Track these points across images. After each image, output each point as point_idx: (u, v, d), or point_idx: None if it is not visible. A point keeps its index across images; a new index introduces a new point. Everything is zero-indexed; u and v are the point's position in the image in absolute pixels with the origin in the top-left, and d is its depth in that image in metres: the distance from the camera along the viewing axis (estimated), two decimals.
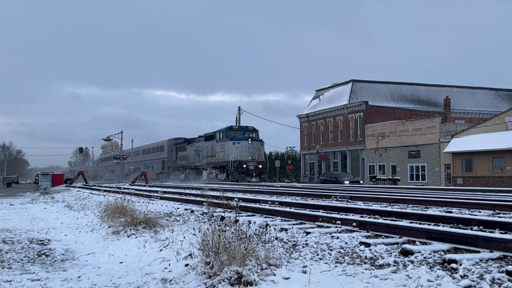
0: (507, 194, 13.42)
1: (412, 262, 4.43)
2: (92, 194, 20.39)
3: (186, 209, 10.46)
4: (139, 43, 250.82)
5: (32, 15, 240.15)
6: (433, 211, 8.33)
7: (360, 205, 10.08)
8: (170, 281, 4.94)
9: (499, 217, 7.18)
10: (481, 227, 5.90)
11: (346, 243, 5.44)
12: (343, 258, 4.91)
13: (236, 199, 11.03)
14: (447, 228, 5.41)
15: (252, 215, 8.58)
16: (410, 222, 6.42)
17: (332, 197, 12.62)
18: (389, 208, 8.69)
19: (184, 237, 6.38)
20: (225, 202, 6.74)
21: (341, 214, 7.69)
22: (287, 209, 8.99)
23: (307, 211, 8.27)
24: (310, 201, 11.18)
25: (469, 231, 5.03)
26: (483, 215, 7.60)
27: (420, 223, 6.27)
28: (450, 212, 8.22)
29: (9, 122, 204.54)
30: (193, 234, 5.84)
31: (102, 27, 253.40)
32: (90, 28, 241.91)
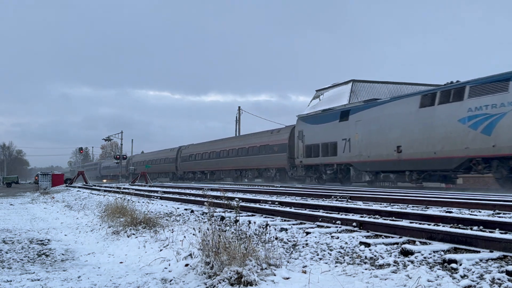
0: (507, 194, 13.42)
1: (412, 262, 4.43)
2: (92, 194, 20.39)
3: (186, 209, 10.46)
4: (132, 43, 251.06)
5: (25, 16, 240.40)
6: (433, 211, 8.33)
7: (360, 205, 10.08)
8: (170, 281, 4.94)
9: (499, 217, 7.18)
10: (481, 227, 5.91)
11: (346, 243, 5.44)
12: (343, 258, 4.91)
13: (236, 199, 11.03)
14: (447, 228, 5.41)
15: (252, 215, 8.58)
16: (410, 222, 6.41)
17: (332, 197, 12.62)
18: (389, 208, 8.69)
19: (184, 237, 6.39)
20: (225, 202, 6.74)
21: (341, 214, 7.69)
22: (287, 209, 8.99)
23: (307, 211, 8.27)
24: (310, 201, 11.18)
25: (469, 231, 5.03)
26: (483, 215, 7.60)
27: (420, 223, 6.27)
28: (450, 212, 8.22)
29: (2, 122, 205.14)
30: (193, 234, 5.84)
31: (95, 27, 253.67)
32: (85, 28, 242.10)
